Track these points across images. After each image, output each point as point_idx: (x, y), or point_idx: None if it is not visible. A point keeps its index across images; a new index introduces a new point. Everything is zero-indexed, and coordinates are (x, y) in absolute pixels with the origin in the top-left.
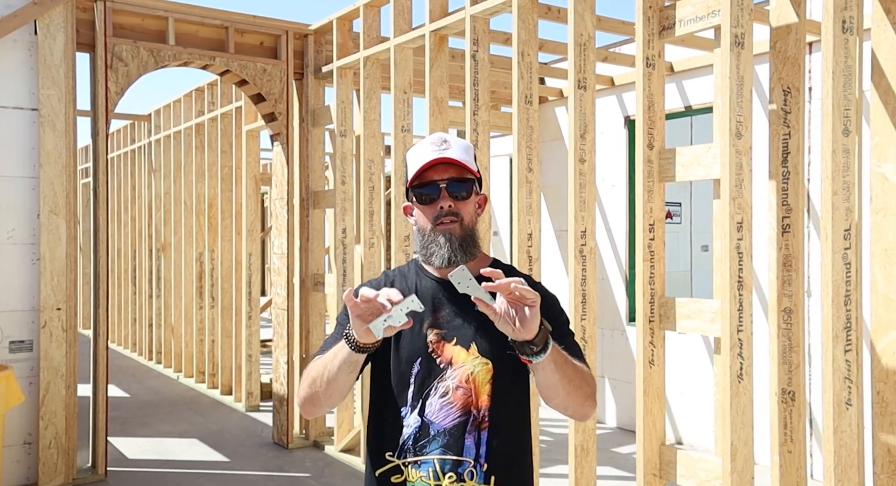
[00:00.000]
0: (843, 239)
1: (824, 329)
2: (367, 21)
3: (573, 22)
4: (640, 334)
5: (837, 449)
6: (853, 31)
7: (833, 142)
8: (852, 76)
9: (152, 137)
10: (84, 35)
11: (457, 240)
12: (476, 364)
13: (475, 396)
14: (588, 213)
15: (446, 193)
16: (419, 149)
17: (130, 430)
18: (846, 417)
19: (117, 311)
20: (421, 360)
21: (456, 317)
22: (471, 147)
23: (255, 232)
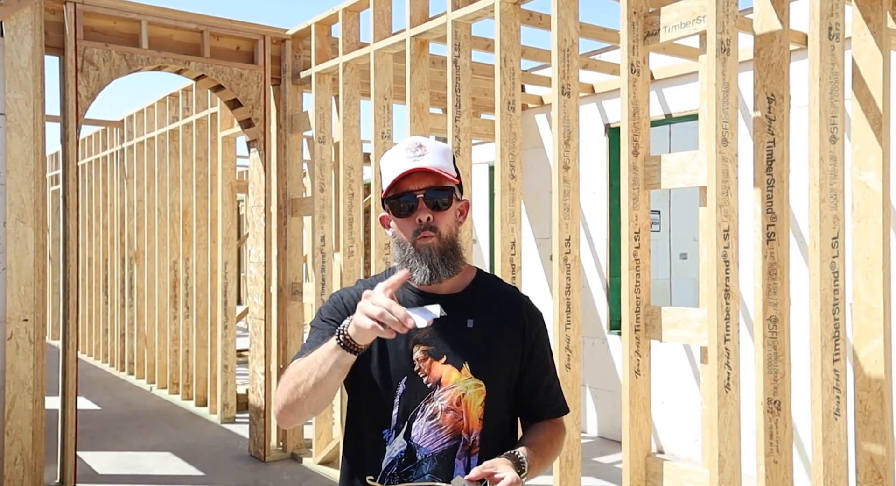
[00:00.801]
0: (830, 247)
1: (812, 338)
2: (347, 26)
3: (556, 28)
4: (626, 343)
5: (826, 460)
6: (839, 38)
7: (821, 149)
8: (838, 83)
9: (125, 144)
10: (53, 38)
11: (437, 254)
12: (468, 385)
13: (466, 419)
14: (572, 220)
15: (424, 205)
16: (393, 156)
17: (101, 444)
18: (835, 427)
19: (88, 321)
20: (406, 379)
21: (442, 333)
22: (449, 150)
23: (230, 240)
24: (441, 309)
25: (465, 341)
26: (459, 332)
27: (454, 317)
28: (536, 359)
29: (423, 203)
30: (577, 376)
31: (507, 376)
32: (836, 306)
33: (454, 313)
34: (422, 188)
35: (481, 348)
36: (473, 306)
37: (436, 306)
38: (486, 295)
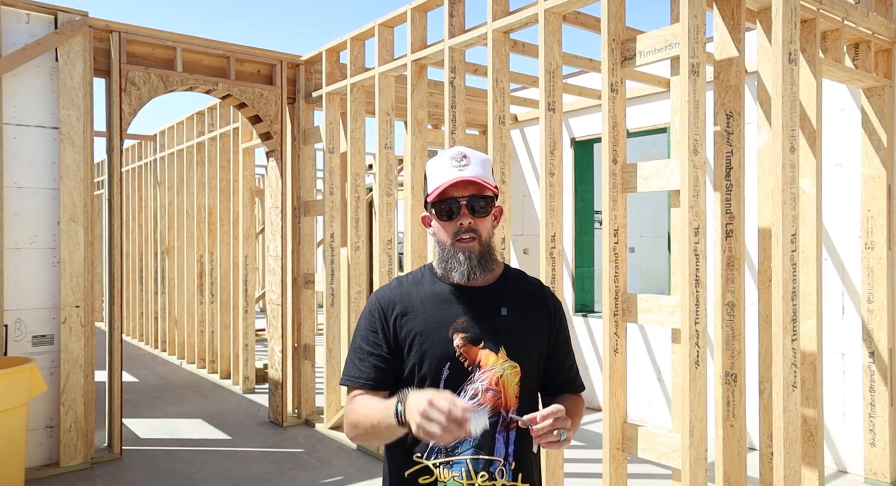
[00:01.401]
0: (790, 243)
1: (775, 322)
2: (354, 52)
3: (543, 53)
4: (606, 326)
5: (786, 425)
6: (797, 63)
7: (783, 158)
8: (796, 101)
9: (157, 155)
10: (100, 62)
11: (476, 257)
12: (505, 367)
13: (505, 398)
14: (557, 219)
15: (466, 211)
16: (439, 164)
17: (141, 411)
18: (792, 397)
19: (127, 306)
20: (450, 364)
21: (481, 320)
22: (488, 161)
23: (250, 237)
24: (486, 423)
25: (500, 327)
26: (495, 319)
27: (489, 306)
28: (560, 343)
29: (465, 209)
30: None
31: (537, 358)
32: (794, 293)
33: (488, 303)
34: (465, 196)
35: (515, 333)
36: (505, 296)
37: (483, 418)
38: (516, 287)
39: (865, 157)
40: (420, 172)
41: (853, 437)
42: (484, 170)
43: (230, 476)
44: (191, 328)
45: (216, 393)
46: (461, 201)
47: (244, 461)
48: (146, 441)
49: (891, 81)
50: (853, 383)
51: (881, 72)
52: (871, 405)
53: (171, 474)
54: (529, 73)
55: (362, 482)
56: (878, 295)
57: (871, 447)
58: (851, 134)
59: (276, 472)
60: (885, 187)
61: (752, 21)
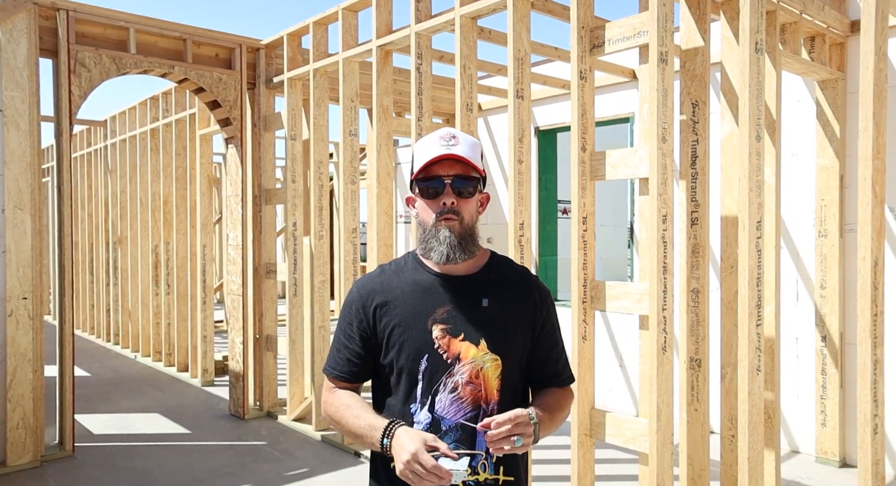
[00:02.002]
0: (756, 230)
1: (741, 307)
2: (317, 37)
3: (512, 39)
4: (575, 313)
5: (751, 408)
6: (763, 52)
7: (749, 146)
8: (762, 90)
9: (108, 141)
10: (47, 42)
11: (456, 238)
12: (486, 360)
13: (485, 391)
14: (525, 207)
15: (450, 190)
16: (427, 142)
17: (94, 407)
18: (757, 381)
19: (76, 298)
20: (428, 356)
21: (461, 311)
22: (478, 144)
23: (208, 226)
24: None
25: (482, 318)
26: (475, 310)
27: (471, 296)
28: (546, 333)
29: (449, 188)
30: None
31: (521, 349)
32: (760, 279)
33: (471, 293)
34: (450, 175)
35: (496, 324)
36: (488, 286)
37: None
38: (500, 276)
39: (820, 147)
40: (386, 159)
41: (805, 418)
42: (472, 151)
43: (191, 471)
44: (146, 320)
45: (174, 386)
46: (446, 180)
47: (205, 455)
48: (101, 437)
49: (843, 73)
50: (806, 367)
51: (835, 64)
52: (823, 387)
53: (129, 470)
54: (495, 61)
55: (327, 474)
56: (830, 282)
57: (822, 428)
58: (807, 125)
59: (238, 465)
60: (837, 177)
61: (716, 12)
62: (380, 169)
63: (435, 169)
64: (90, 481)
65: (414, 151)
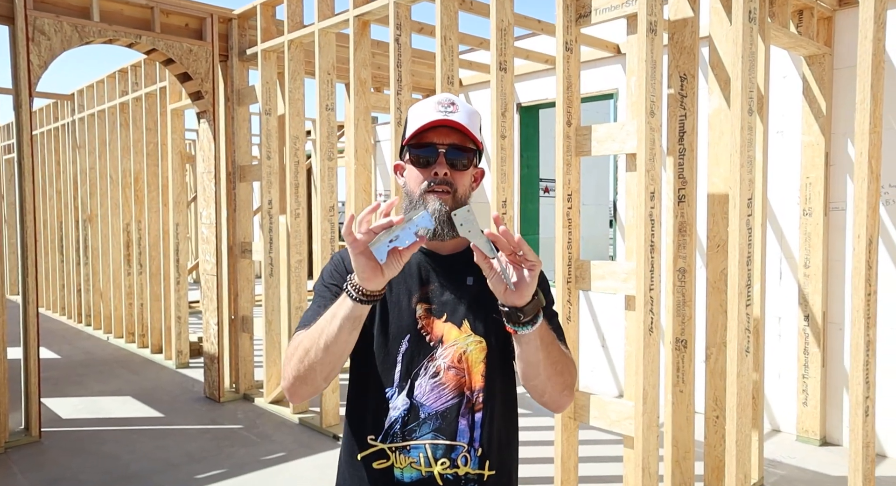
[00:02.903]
0: (747, 207)
1: (730, 286)
2: (291, 7)
3: (495, 9)
4: (560, 293)
5: (739, 391)
6: (756, 22)
7: (741, 120)
8: (755, 62)
9: (76, 116)
10: (2, 6)
11: (446, 213)
12: (469, 343)
13: (468, 376)
14: (508, 184)
15: (444, 160)
16: (423, 107)
17: (64, 390)
18: (745, 363)
19: (45, 278)
20: (410, 337)
21: (445, 291)
22: (478, 114)
23: (181, 204)
24: (430, 218)
25: (465, 298)
26: (460, 290)
27: (455, 275)
28: None
29: (443, 158)
30: None
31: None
32: (750, 258)
33: (456, 272)
34: (445, 143)
35: (480, 304)
36: (473, 265)
37: (424, 216)
38: None
39: (805, 124)
40: (364, 135)
41: (787, 397)
42: (471, 121)
43: (165, 456)
44: (118, 301)
45: (147, 369)
46: (440, 148)
47: (179, 438)
48: (70, 422)
49: (831, 48)
50: (788, 346)
51: (822, 39)
52: (805, 366)
53: (98, 455)
54: (477, 35)
55: (304, 458)
56: (814, 260)
57: (804, 407)
58: (792, 102)
59: (214, 449)
60: (823, 155)
61: None
62: (357, 145)
63: (429, 136)
64: (57, 467)
65: (408, 115)
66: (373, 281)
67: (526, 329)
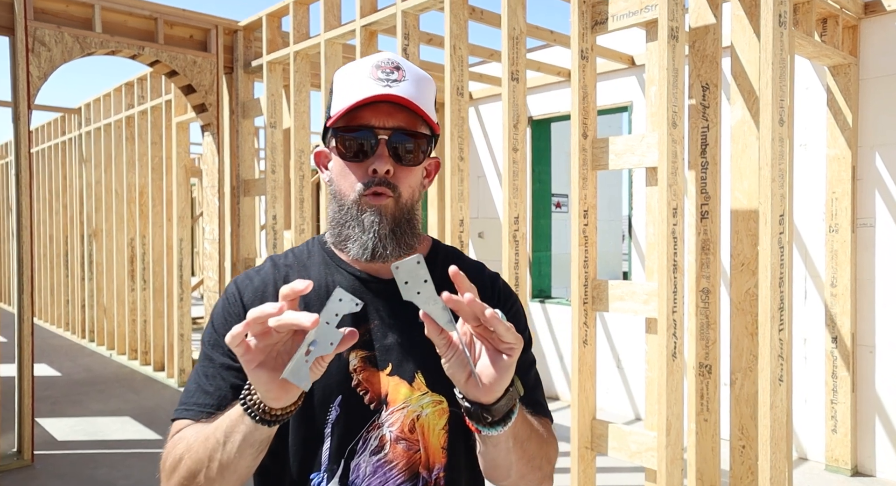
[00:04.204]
0: (779, 224)
1: (761, 310)
2: (297, 18)
3: (506, 17)
4: (575, 315)
5: (773, 423)
6: (787, 26)
7: (772, 131)
8: (786, 68)
9: (83, 130)
10: (2, 17)
11: (388, 223)
12: (424, 404)
13: (424, 450)
14: (520, 199)
15: (386, 151)
16: (355, 72)
17: (62, 410)
18: (779, 392)
19: (49, 292)
20: (341, 399)
21: (389, 331)
22: (431, 82)
23: (185, 219)
24: (351, 297)
25: (417, 340)
26: (410, 329)
27: (403, 310)
28: None
29: (384, 148)
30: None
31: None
32: (783, 279)
33: (404, 305)
34: (388, 127)
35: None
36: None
37: (344, 298)
38: (445, 275)
39: (830, 137)
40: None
41: (815, 424)
42: (423, 93)
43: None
44: (121, 317)
45: (148, 387)
46: (380, 134)
47: None
48: (64, 444)
49: (856, 58)
50: (815, 369)
51: (847, 48)
52: (834, 391)
53: (92, 481)
54: (486, 46)
55: None
56: (841, 279)
57: (833, 434)
58: (815, 114)
59: None
60: (849, 168)
61: None
62: None
63: (365, 116)
64: None
65: (333, 83)
66: (282, 399)
67: (493, 430)
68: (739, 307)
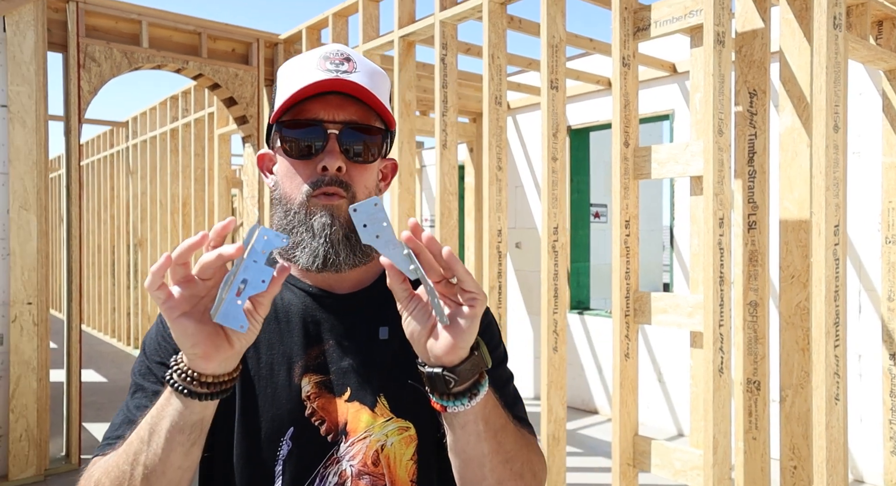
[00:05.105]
0: (833, 235)
1: (815, 326)
2: (336, 30)
3: (546, 25)
4: (616, 328)
5: (829, 445)
6: (842, 28)
7: (826, 138)
8: (841, 73)
9: (130, 142)
10: (56, 35)
11: (340, 228)
12: (389, 431)
13: (392, 485)
14: (560, 210)
15: (336, 145)
16: (300, 63)
17: (107, 415)
18: (835, 412)
19: (98, 301)
20: (294, 431)
21: (346, 352)
22: (384, 76)
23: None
24: (277, 234)
25: (378, 361)
26: (370, 348)
27: (361, 326)
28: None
29: (335, 143)
30: (563, 358)
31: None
32: (837, 293)
33: (362, 320)
34: (338, 121)
35: (403, 369)
36: (389, 307)
37: (268, 234)
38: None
39: (887, 144)
40: (408, 158)
41: (871, 445)
42: (375, 84)
43: None
44: None
45: None
46: (330, 128)
47: None
48: None
49: None
50: (870, 387)
51: None
52: (892, 410)
53: None
54: (524, 55)
55: None
56: None
57: (892, 456)
58: (870, 120)
59: None
60: None
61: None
62: (402, 168)
63: (312, 108)
64: None
65: (277, 77)
66: (214, 358)
67: (460, 404)
68: (789, 321)
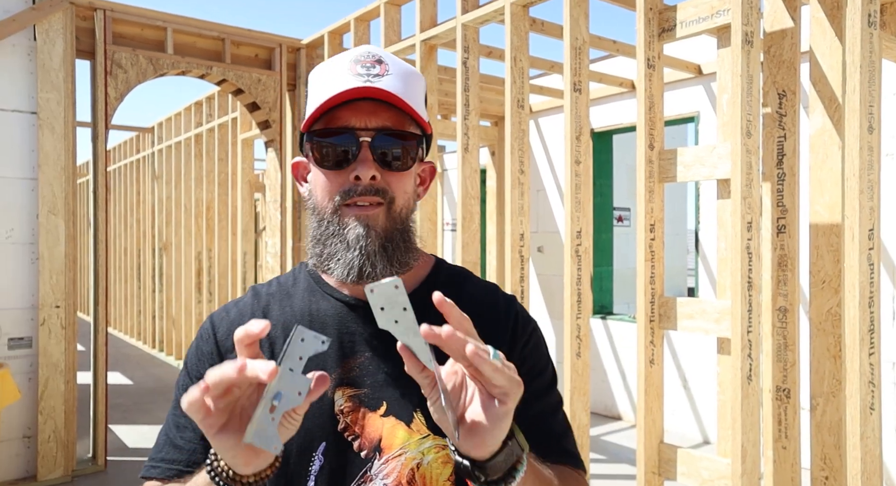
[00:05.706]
0: (868, 239)
1: (850, 333)
2: (358, 34)
3: (569, 27)
4: (641, 333)
5: (864, 456)
6: (877, 26)
7: (859, 139)
8: (875, 72)
9: (155, 148)
10: (84, 42)
11: (378, 236)
12: (425, 449)
13: None
14: (583, 213)
15: (370, 154)
16: (332, 68)
17: (132, 417)
18: (870, 422)
19: (124, 304)
20: (325, 447)
21: (383, 365)
22: (420, 78)
23: (249, 233)
24: (315, 335)
25: None
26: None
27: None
28: (536, 390)
29: (368, 151)
30: (586, 363)
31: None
32: (872, 300)
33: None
34: (371, 128)
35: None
36: (429, 315)
37: (307, 337)
38: (451, 298)
39: None
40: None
41: None
42: (410, 88)
43: None
44: (189, 328)
45: None
46: (362, 136)
47: None
48: (135, 451)
49: None
50: None
51: None
52: None
53: None
54: (547, 58)
55: None
56: None
57: None
58: None
59: None
60: None
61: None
62: None
63: (344, 115)
64: None
65: (309, 83)
66: (253, 464)
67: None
68: (820, 328)
